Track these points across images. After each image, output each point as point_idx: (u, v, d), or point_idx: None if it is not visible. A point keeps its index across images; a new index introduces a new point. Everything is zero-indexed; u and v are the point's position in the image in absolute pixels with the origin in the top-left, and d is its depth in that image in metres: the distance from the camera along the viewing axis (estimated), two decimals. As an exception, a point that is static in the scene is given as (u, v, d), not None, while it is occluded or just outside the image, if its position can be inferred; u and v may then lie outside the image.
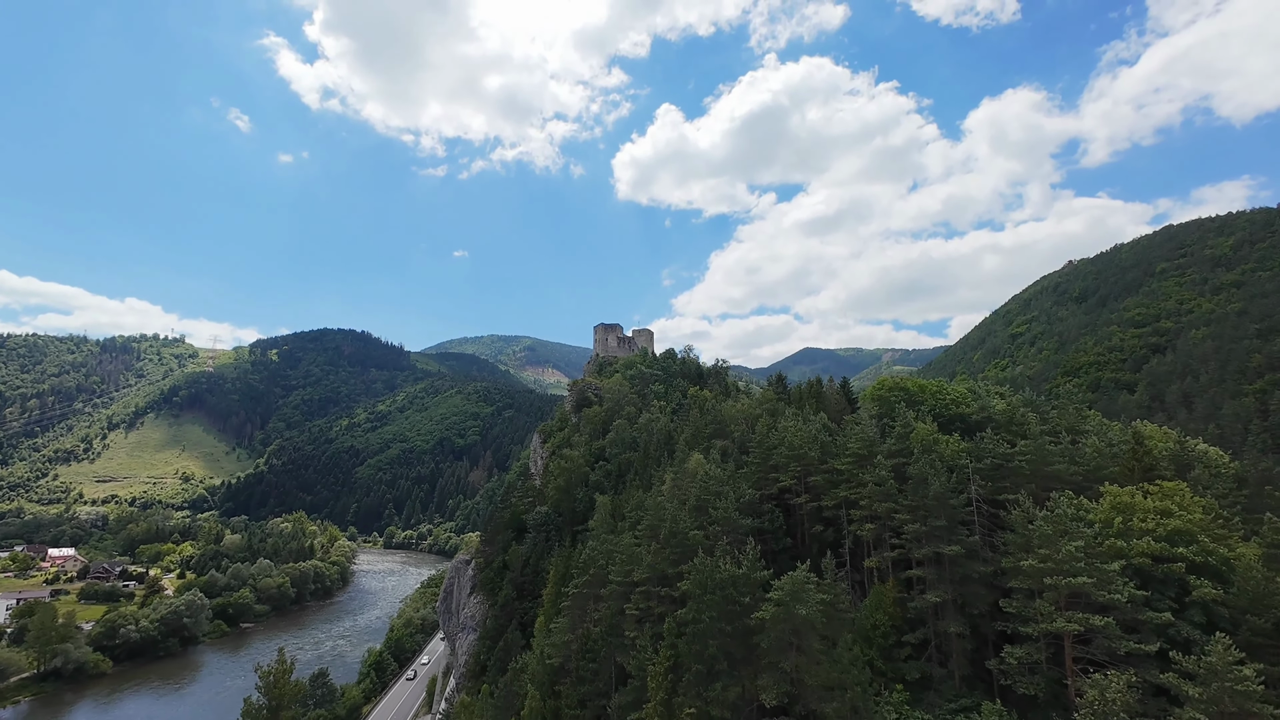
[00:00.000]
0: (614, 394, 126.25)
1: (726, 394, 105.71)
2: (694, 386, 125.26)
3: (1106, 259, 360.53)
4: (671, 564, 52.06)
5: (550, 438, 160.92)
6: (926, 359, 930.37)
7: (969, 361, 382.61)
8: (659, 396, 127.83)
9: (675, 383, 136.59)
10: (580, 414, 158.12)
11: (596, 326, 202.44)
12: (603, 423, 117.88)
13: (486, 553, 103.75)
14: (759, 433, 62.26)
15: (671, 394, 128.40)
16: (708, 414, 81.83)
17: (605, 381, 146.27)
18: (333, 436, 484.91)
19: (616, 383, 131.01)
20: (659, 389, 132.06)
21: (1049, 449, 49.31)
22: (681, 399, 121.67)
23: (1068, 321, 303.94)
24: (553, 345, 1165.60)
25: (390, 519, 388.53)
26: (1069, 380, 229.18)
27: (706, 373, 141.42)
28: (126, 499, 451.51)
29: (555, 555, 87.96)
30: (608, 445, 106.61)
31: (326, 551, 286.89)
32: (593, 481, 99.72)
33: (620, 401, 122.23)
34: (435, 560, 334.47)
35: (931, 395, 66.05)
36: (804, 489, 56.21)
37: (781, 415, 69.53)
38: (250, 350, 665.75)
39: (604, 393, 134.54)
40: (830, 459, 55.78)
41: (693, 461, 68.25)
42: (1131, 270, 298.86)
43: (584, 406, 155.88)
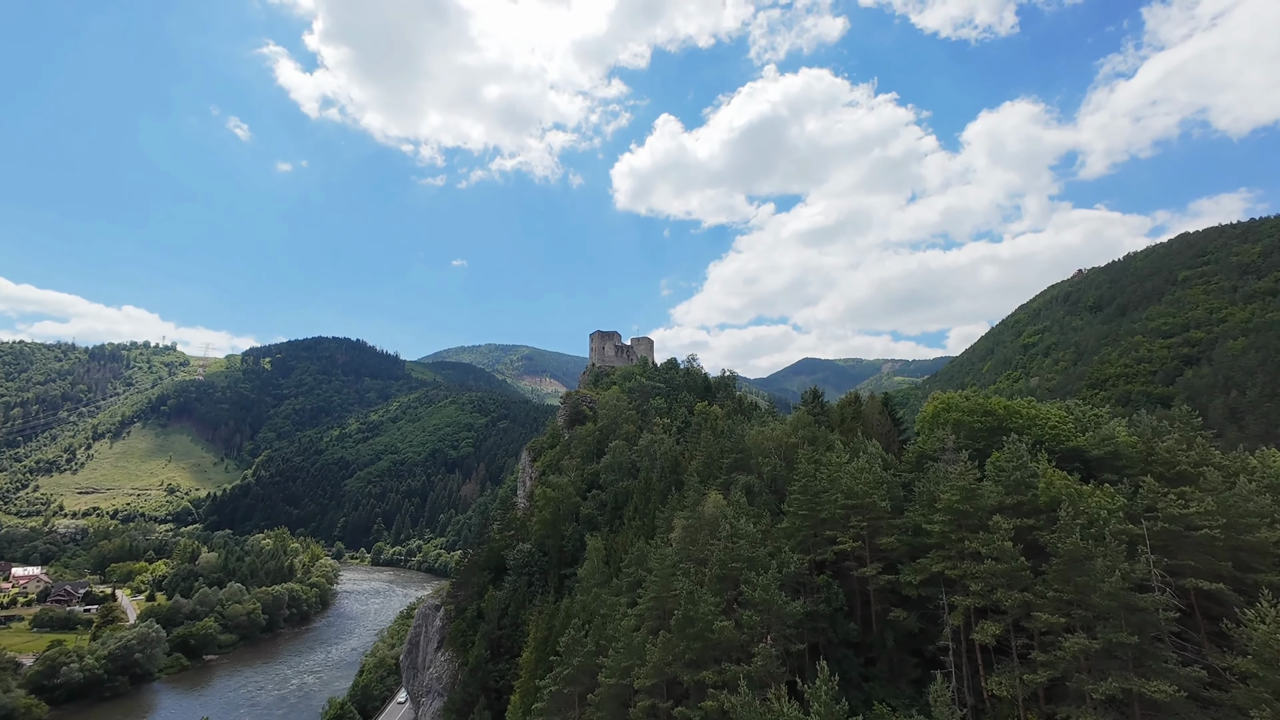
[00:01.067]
0: (610, 409, 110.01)
1: (743, 412, 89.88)
2: (701, 401, 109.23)
3: (1119, 268, 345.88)
4: (688, 667, 35.72)
5: (540, 455, 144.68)
6: (927, 370, 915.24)
7: (977, 372, 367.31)
8: (661, 413, 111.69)
9: (680, 397, 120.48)
10: (573, 430, 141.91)
11: (593, 334, 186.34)
12: (597, 443, 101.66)
13: (458, 598, 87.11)
14: (801, 471, 45.93)
15: (675, 410, 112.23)
16: (725, 439, 65.59)
17: (601, 394, 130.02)
18: (323, 447, 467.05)
19: (613, 396, 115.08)
20: (661, 404, 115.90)
21: (1245, 505, 33.08)
22: (688, 416, 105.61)
23: (1084, 331, 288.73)
24: (550, 354, 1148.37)
25: (379, 534, 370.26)
26: (1095, 393, 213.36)
27: (714, 385, 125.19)
28: (108, 511, 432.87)
29: (538, 605, 71.41)
30: (602, 471, 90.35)
31: (308, 571, 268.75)
32: (584, 515, 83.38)
33: (617, 418, 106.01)
34: (423, 579, 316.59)
35: (1027, 419, 49.53)
36: (871, 553, 39.99)
37: (824, 444, 53.31)
38: (243, 359, 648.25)
39: (599, 407, 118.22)
40: (908, 512, 39.63)
41: (709, 504, 52.03)
42: (1150, 278, 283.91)
43: (578, 422, 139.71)
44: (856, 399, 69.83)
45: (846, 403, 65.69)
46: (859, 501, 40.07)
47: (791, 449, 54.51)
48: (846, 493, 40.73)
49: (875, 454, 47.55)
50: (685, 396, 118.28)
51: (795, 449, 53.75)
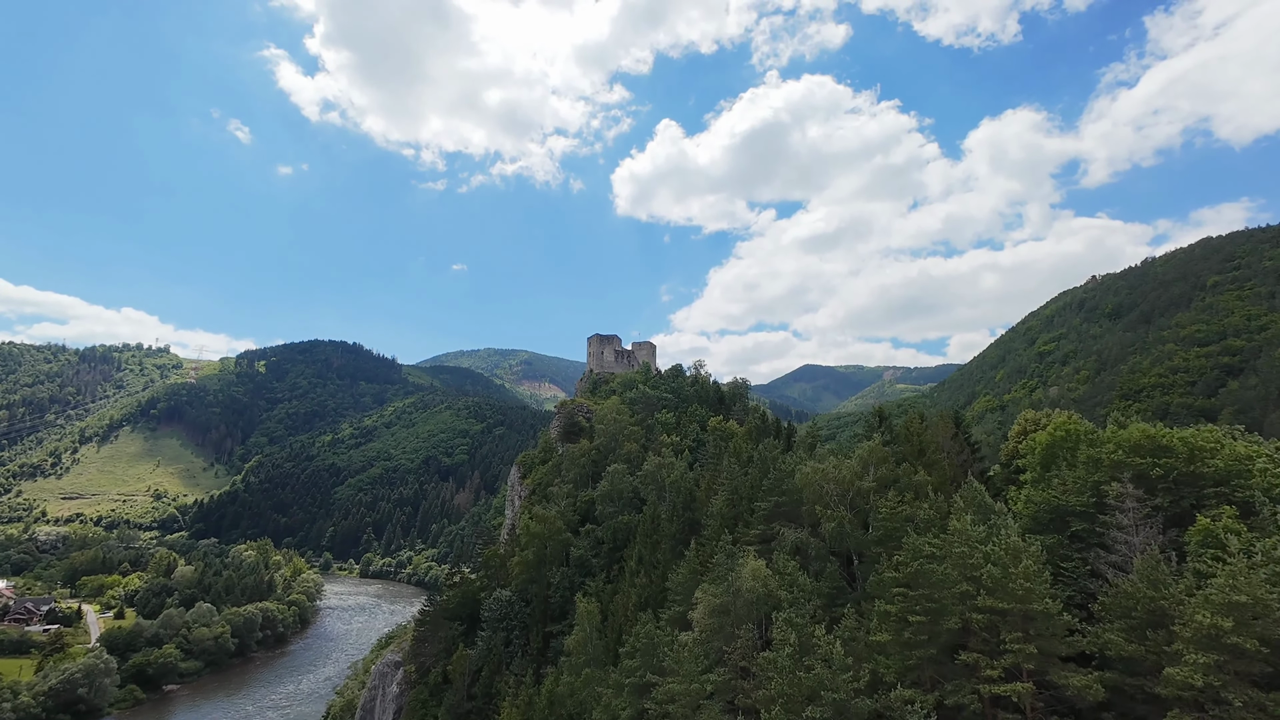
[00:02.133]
0: (609, 423, 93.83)
1: (769, 432, 73.91)
2: (715, 416, 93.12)
3: (1137, 274, 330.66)
4: None
5: (530, 472, 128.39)
6: (929, 377, 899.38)
7: (989, 381, 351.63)
8: (668, 428, 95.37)
9: (690, 410, 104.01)
10: (566, 445, 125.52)
11: (591, 338, 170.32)
12: (593, 464, 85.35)
13: (420, 656, 70.54)
14: (908, 547, 29.47)
15: (685, 425, 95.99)
16: (760, 473, 49.35)
17: (599, 405, 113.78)
18: (314, 453, 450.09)
19: (613, 408, 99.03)
20: (668, 418, 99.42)
21: None
22: (699, 433, 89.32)
23: (1105, 339, 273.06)
24: (550, 359, 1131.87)
25: (369, 544, 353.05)
26: (1128, 404, 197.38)
27: (728, 397, 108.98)
28: (92, 518, 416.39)
29: (514, 680, 55.10)
30: (598, 500, 74.08)
31: (288, 586, 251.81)
32: (575, 557, 67.02)
33: (617, 434, 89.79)
34: (413, 593, 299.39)
35: (1228, 462, 32.95)
36: (1031, 679, 23.72)
37: (910, 489, 37.09)
38: (236, 361, 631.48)
39: (597, 420, 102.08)
40: (1102, 629, 23.36)
41: (747, 574, 35.91)
42: (1175, 284, 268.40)
43: (573, 435, 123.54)
44: (922, 419, 53.80)
45: (914, 427, 49.55)
46: (1012, 606, 24.00)
47: (863, 495, 38.54)
48: (990, 588, 24.64)
49: (1006, 522, 31.26)
50: (696, 410, 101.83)
51: (869, 495, 37.80)
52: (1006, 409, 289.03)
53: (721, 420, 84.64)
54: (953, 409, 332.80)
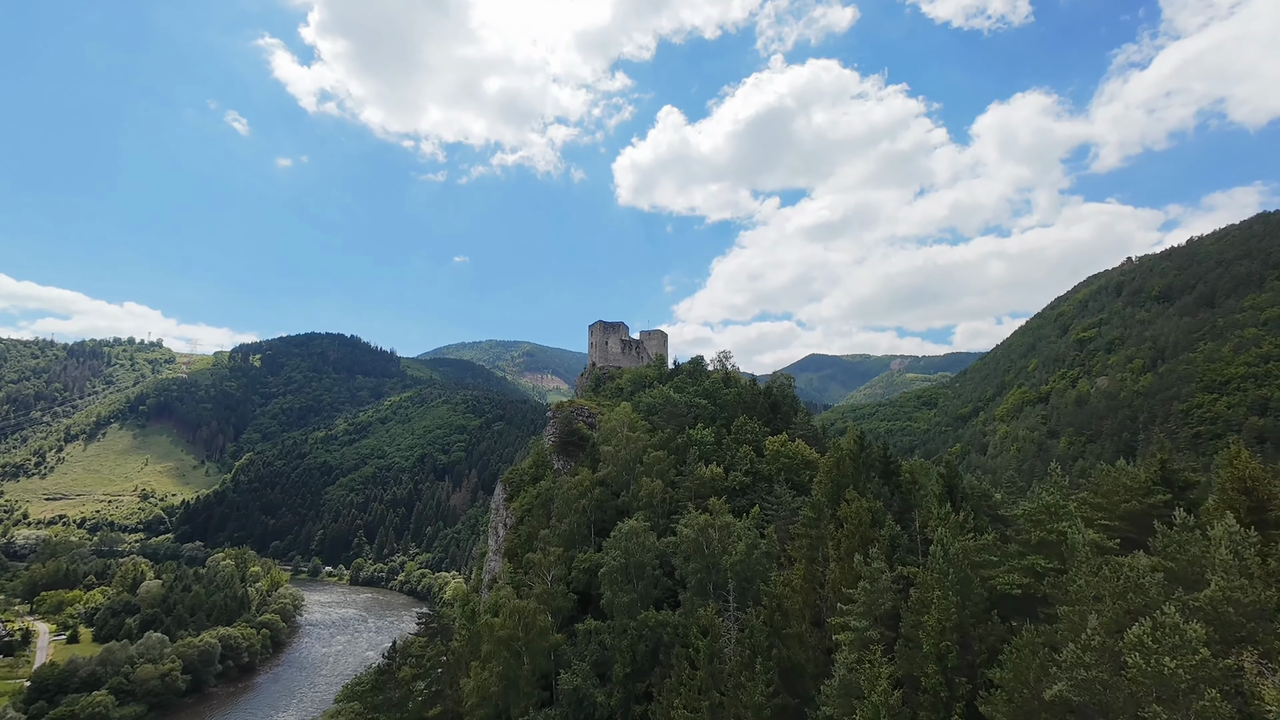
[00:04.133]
0: (619, 443, 65.33)
1: (873, 466, 45.96)
2: (771, 433, 64.38)
3: (1183, 254, 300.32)
4: None
5: (518, 493, 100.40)
6: (937, 366, 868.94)
7: (1020, 370, 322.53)
8: (705, 451, 66.47)
9: (736, 423, 74.19)
10: (564, 459, 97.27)
11: (593, 325, 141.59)
12: (597, 506, 56.77)
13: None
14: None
15: (730, 448, 67.18)
16: (944, 578, 21.28)
17: (605, 411, 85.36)
18: (306, 450, 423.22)
19: (623, 419, 70.91)
20: (705, 437, 69.49)
21: None
22: (754, 464, 60.77)
23: (1158, 325, 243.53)
24: (553, 351, 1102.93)
25: (360, 548, 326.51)
26: (1214, 398, 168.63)
27: (782, 401, 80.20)
28: (75, 520, 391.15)
29: None
30: (605, 580, 45.32)
31: (264, 603, 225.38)
32: (566, 687, 38.74)
33: (630, 460, 61.35)
34: (404, 603, 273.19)
35: None
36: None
37: None
38: (230, 355, 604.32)
39: (603, 437, 73.72)
40: None
41: None
42: (1239, 263, 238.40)
43: (572, 446, 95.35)
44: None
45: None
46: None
47: None
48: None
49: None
50: (745, 425, 72.19)
51: None
52: (1049, 401, 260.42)
53: (785, 441, 56.71)
54: (977, 402, 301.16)
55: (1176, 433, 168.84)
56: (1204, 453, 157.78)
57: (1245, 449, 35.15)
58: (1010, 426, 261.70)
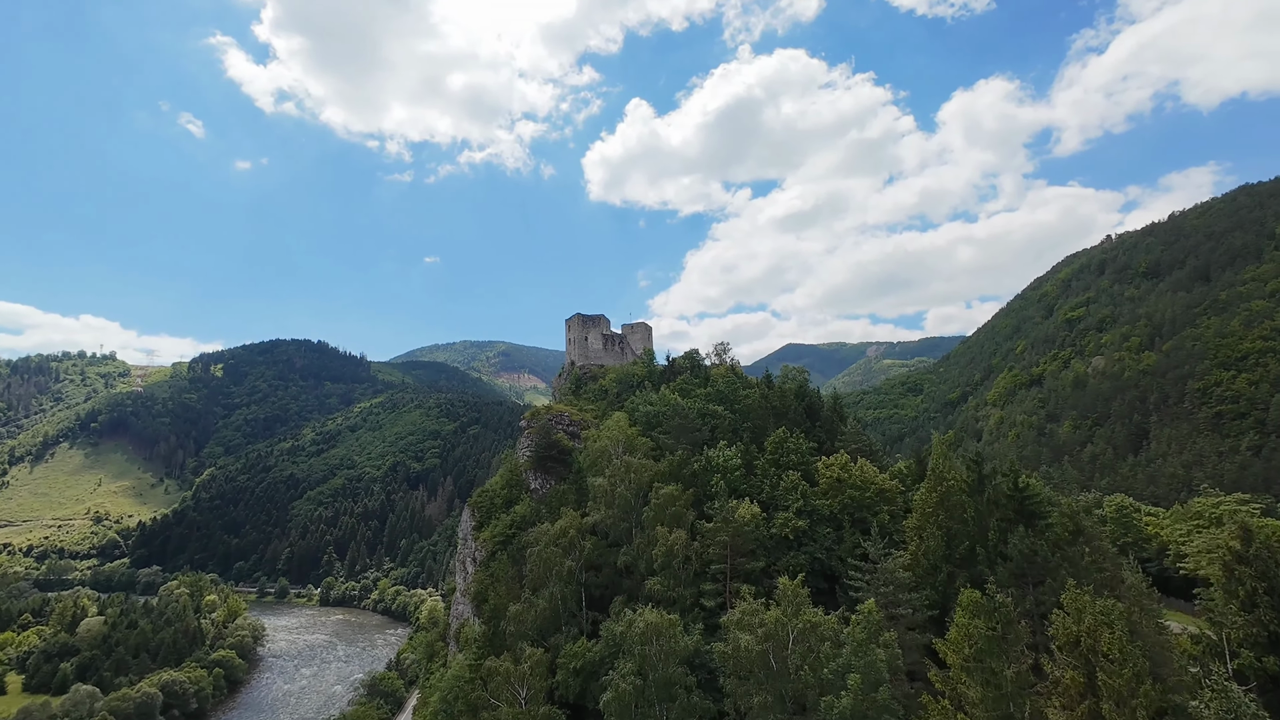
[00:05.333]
0: (616, 474, 48.31)
1: (1007, 498, 31.24)
2: (823, 453, 48.10)
3: (1167, 229, 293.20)
4: None
5: (488, 521, 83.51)
6: (912, 352, 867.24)
7: (1007, 353, 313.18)
8: (735, 482, 49.16)
9: (777, 440, 55.16)
10: (541, 476, 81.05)
11: (571, 319, 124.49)
12: (589, 565, 40.04)
13: None
14: None
15: (767, 473, 49.90)
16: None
17: (590, 423, 68.73)
18: (271, 463, 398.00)
19: (617, 436, 53.98)
20: (731, 462, 50.72)
21: None
22: (806, 498, 44.33)
23: (1152, 301, 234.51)
24: (528, 350, 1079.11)
25: (330, 566, 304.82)
26: (1232, 375, 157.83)
27: (820, 405, 63.92)
28: (21, 548, 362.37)
29: None
30: (613, 705, 28.72)
31: (220, 635, 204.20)
32: None
33: (632, 498, 44.61)
34: (378, 625, 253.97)
35: None
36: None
37: None
38: (190, 366, 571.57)
39: (590, 454, 56.86)
40: None
41: None
42: (1231, 234, 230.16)
43: (550, 462, 78.97)
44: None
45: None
46: None
47: None
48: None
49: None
50: (789, 441, 54.17)
51: None
52: (1042, 383, 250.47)
53: (845, 463, 40.87)
54: (964, 387, 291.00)
55: (1194, 413, 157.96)
56: (1228, 434, 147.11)
57: None
58: (1005, 411, 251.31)
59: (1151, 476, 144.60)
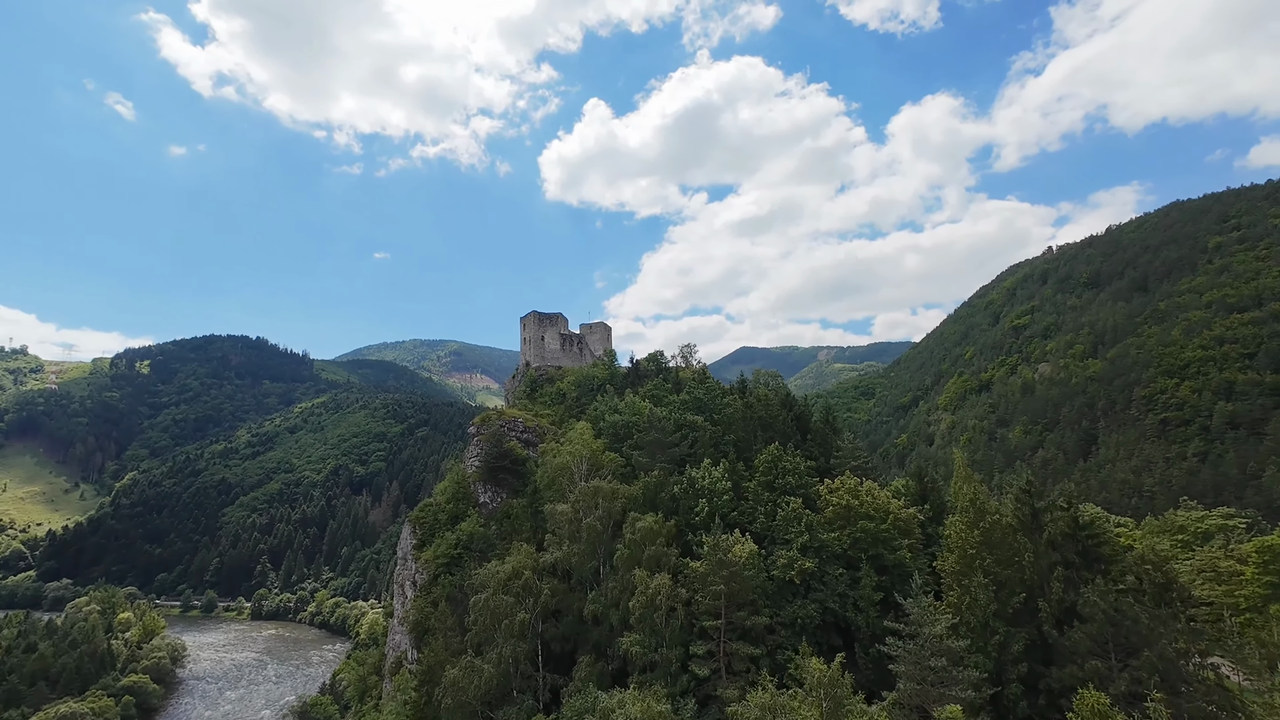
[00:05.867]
0: (583, 501, 40.42)
1: (1065, 534, 25.54)
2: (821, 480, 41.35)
3: (1107, 241, 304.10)
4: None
5: (431, 539, 74.87)
6: (862, 356, 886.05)
7: (956, 359, 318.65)
8: (722, 508, 41.38)
9: (770, 457, 46.47)
10: (492, 489, 73.07)
11: (526, 317, 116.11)
12: (548, 613, 32.46)
13: None
14: None
15: (762, 500, 42.04)
16: None
17: (548, 434, 61.05)
18: (201, 467, 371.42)
19: (581, 451, 46.10)
20: (717, 482, 42.36)
21: None
22: (811, 532, 37.35)
23: (1094, 310, 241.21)
24: (481, 349, 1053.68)
25: (264, 577, 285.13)
26: (1176, 383, 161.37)
27: (809, 416, 57.67)
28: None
29: None
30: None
31: (133, 657, 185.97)
32: None
33: (601, 531, 37.05)
34: (315, 639, 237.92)
35: None
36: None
37: None
38: (112, 363, 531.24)
39: (549, 471, 49.08)
40: None
41: None
42: (1166, 248, 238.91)
43: (502, 474, 70.95)
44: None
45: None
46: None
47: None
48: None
49: None
50: (785, 459, 46.63)
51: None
52: (991, 389, 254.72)
53: (854, 487, 34.68)
54: (915, 391, 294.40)
55: (1141, 420, 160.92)
56: (1174, 440, 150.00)
57: None
58: (956, 416, 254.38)
59: (1103, 482, 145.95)
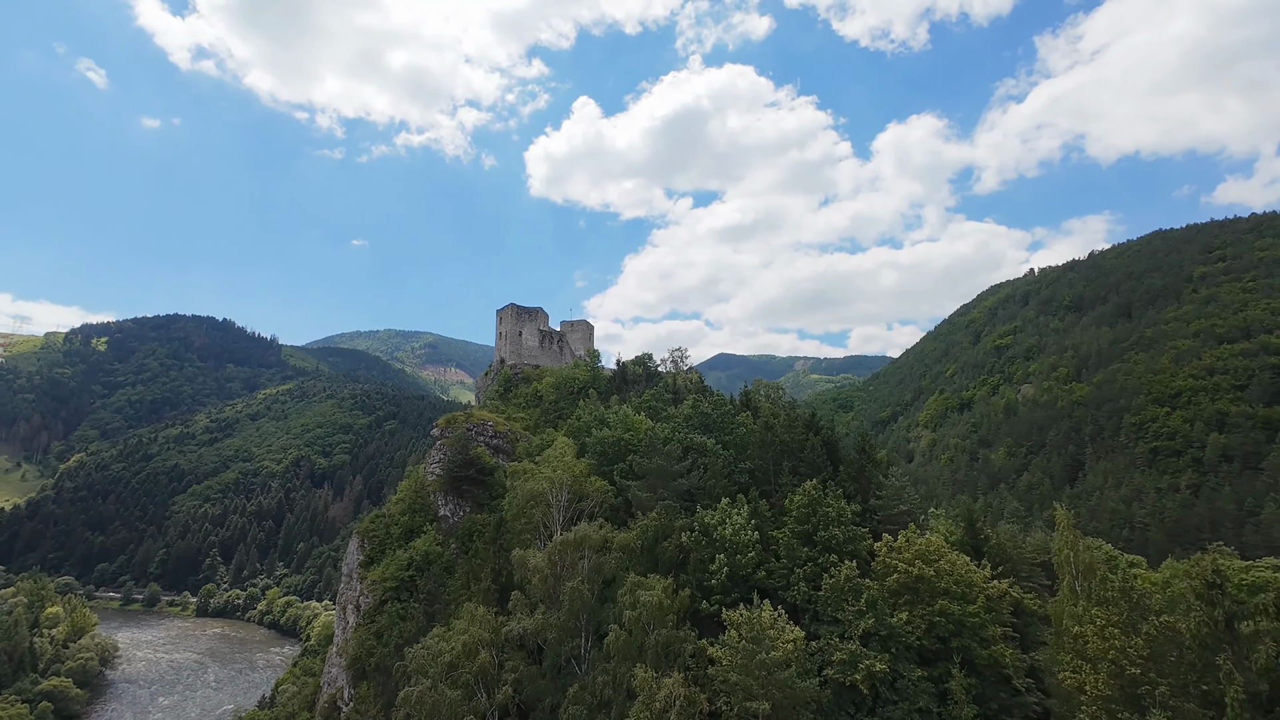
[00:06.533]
0: (562, 557, 30.64)
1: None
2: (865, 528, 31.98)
3: (1089, 266, 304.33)
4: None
5: (381, 558, 65.33)
6: (838, 368, 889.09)
7: (937, 375, 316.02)
8: (746, 567, 31.54)
9: (807, 498, 36.31)
10: (455, 502, 63.87)
11: (503, 310, 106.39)
12: (507, 702, 23.53)
13: None
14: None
15: (796, 559, 31.92)
16: None
17: (513, 421, 51.98)
18: (154, 451, 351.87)
19: (557, 467, 37.26)
20: (739, 530, 32.23)
21: None
22: (876, 612, 28.25)
23: (1077, 334, 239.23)
24: (457, 343, 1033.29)
25: (213, 571, 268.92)
26: (1167, 412, 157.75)
27: (837, 441, 49.00)
28: None
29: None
30: None
31: (59, 656, 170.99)
32: None
33: (587, 596, 27.74)
34: (264, 640, 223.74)
35: None
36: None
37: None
38: (66, 338, 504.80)
39: (519, 500, 39.97)
40: None
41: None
42: (1150, 275, 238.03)
43: (467, 485, 61.74)
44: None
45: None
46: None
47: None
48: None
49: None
50: (824, 502, 36.98)
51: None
52: (972, 408, 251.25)
53: (941, 551, 26.00)
54: (894, 406, 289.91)
55: (1130, 447, 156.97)
56: (1165, 471, 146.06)
57: None
58: (937, 434, 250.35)
59: (1093, 511, 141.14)
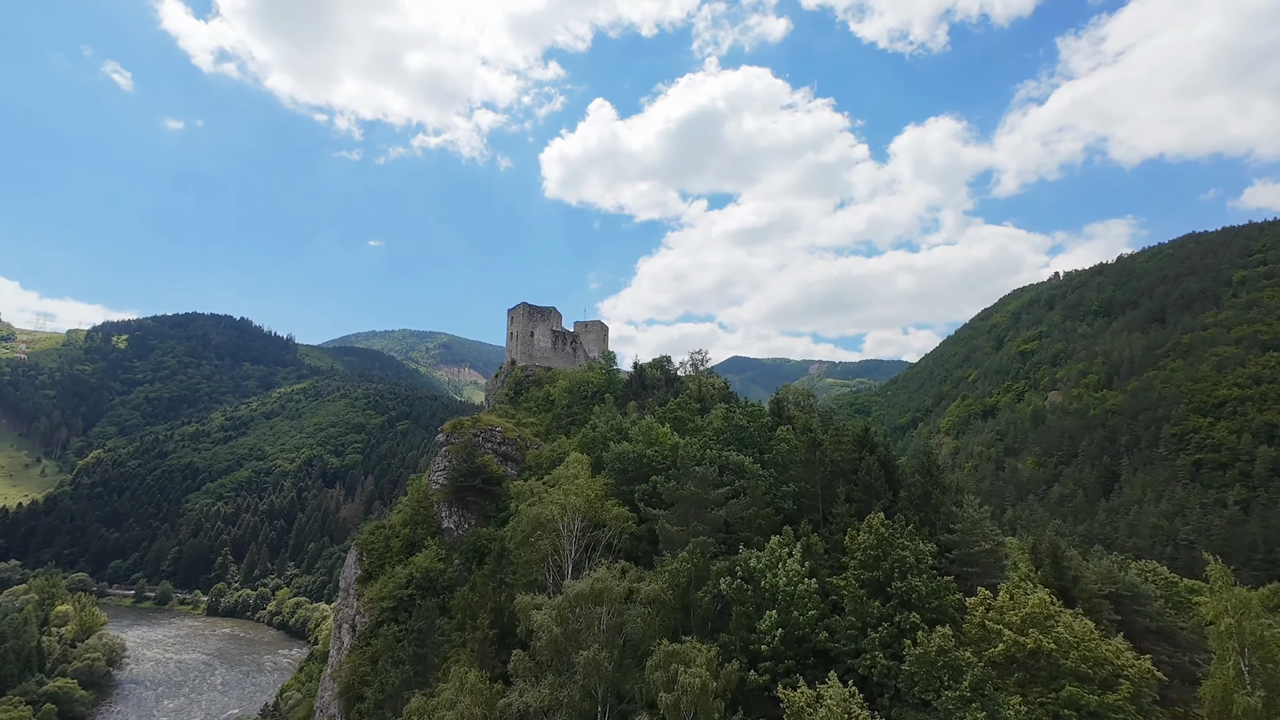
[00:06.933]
0: (576, 611, 24.66)
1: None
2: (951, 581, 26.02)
3: (1118, 270, 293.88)
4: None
5: (380, 572, 60.36)
6: (853, 372, 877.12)
7: (959, 381, 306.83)
8: (803, 625, 24.93)
9: (871, 538, 28.83)
10: (459, 513, 58.81)
11: (515, 309, 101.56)
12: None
13: None
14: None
15: (872, 618, 24.82)
16: None
17: (521, 427, 47.03)
18: (169, 449, 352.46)
19: (570, 492, 32.14)
20: (794, 579, 25.52)
21: None
22: (984, 698, 22.49)
23: (1108, 339, 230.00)
24: (471, 343, 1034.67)
25: (225, 570, 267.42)
26: (1211, 423, 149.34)
27: (893, 461, 43.17)
28: None
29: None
30: None
31: (66, 655, 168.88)
32: None
33: (608, 667, 22.42)
34: (273, 641, 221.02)
35: None
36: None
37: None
38: (88, 335, 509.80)
39: (522, 518, 34.95)
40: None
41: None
42: (1186, 279, 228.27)
43: (472, 496, 56.69)
44: None
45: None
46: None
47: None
48: None
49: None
50: (898, 544, 30.67)
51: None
52: (996, 414, 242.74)
53: (1037, 608, 21.00)
54: (914, 412, 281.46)
55: (1170, 459, 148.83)
56: (1209, 485, 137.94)
57: None
58: (960, 441, 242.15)
59: (1131, 526, 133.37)
